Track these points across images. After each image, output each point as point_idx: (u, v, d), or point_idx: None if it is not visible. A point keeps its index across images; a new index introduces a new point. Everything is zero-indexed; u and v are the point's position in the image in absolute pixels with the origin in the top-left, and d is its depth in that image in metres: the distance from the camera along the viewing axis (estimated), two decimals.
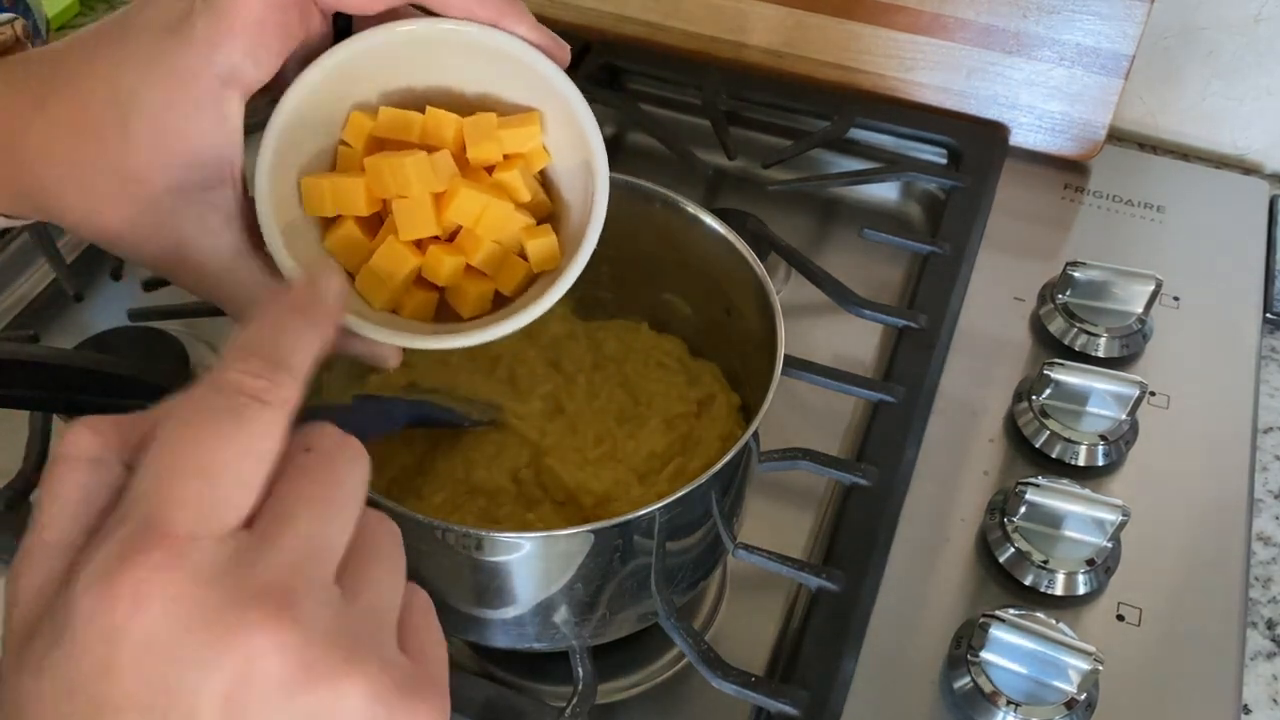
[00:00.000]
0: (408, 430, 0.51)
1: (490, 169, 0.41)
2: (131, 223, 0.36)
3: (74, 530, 0.27)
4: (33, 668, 0.25)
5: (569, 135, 0.41)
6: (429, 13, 0.39)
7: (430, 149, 0.39)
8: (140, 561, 0.25)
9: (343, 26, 0.40)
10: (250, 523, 0.26)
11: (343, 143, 0.40)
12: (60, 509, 0.27)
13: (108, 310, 0.70)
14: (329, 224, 0.40)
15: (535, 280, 0.41)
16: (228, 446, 0.26)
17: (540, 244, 0.41)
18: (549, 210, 0.43)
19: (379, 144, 0.40)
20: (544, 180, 0.43)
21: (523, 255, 0.41)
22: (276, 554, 0.26)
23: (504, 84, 0.41)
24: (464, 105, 0.41)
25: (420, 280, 0.41)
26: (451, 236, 0.41)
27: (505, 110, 0.41)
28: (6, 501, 0.57)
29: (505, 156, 0.40)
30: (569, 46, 0.41)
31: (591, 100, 0.41)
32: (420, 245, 0.40)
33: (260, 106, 0.38)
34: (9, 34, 0.40)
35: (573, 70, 0.41)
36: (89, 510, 0.27)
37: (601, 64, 0.83)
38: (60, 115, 0.36)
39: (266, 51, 0.36)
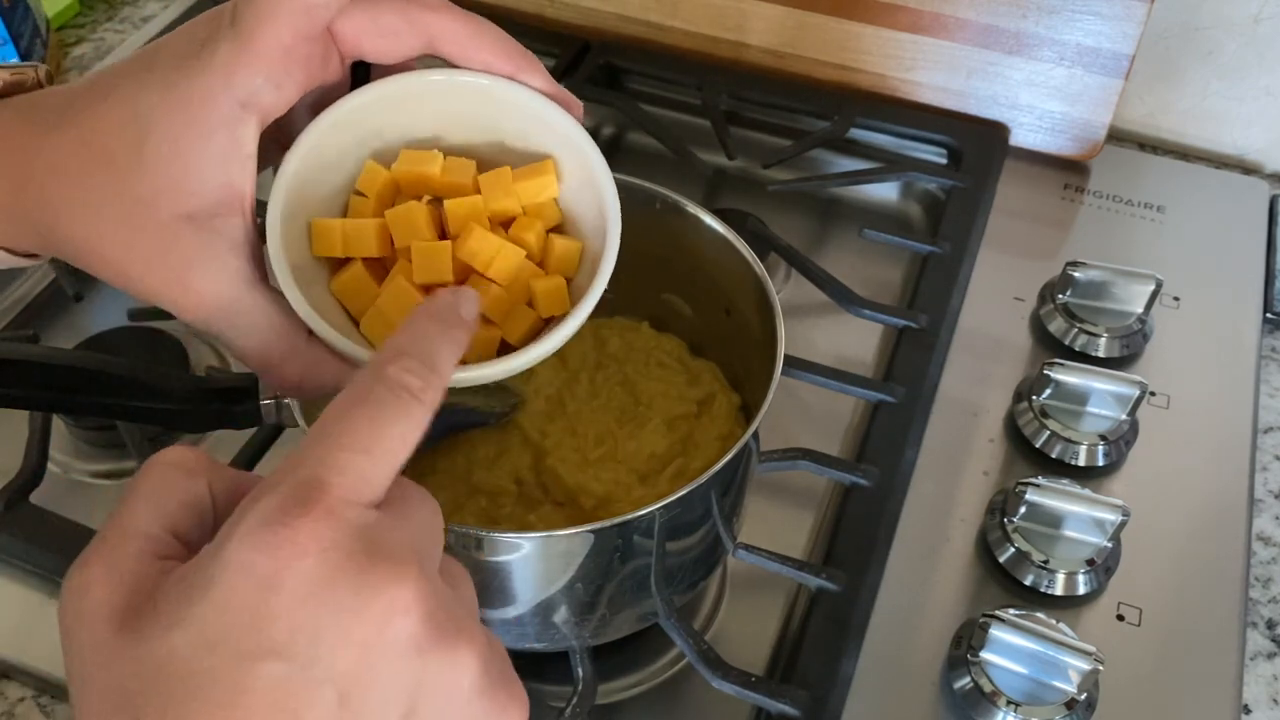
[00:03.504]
0: None
1: (506, 223, 0.41)
2: (135, 249, 0.36)
3: (155, 523, 0.29)
4: (162, 627, 0.26)
5: (583, 185, 0.41)
6: (447, 63, 0.39)
7: (449, 187, 0.40)
8: (301, 514, 0.27)
9: (360, 74, 0.40)
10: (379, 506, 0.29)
11: (357, 192, 0.41)
12: (146, 502, 0.29)
13: (108, 310, 0.70)
14: (336, 266, 0.40)
15: (541, 329, 0.42)
16: (390, 430, 0.29)
17: (548, 287, 0.41)
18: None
19: (394, 185, 0.40)
20: (556, 226, 0.43)
21: (530, 305, 0.41)
22: (408, 529, 0.29)
23: (518, 133, 0.41)
24: (477, 153, 0.41)
25: None
26: (461, 282, 0.41)
27: (518, 159, 0.42)
28: (6, 501, 0.57)
29: (524, 210, 0.41)
30: (581, 102, 0.41)
31: (592, 100, 0.41)
32: (427, 289, 0.40)
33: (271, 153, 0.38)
34: (30, 75, 0.40)
35: (573, 70, 0.41)
36: (174, 508, 0.30)
37: (601, 64, 0.83)
38: (72, 137, 0.36)
39: (287, 79, 0.36)
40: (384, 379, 0.29)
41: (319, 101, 0.39)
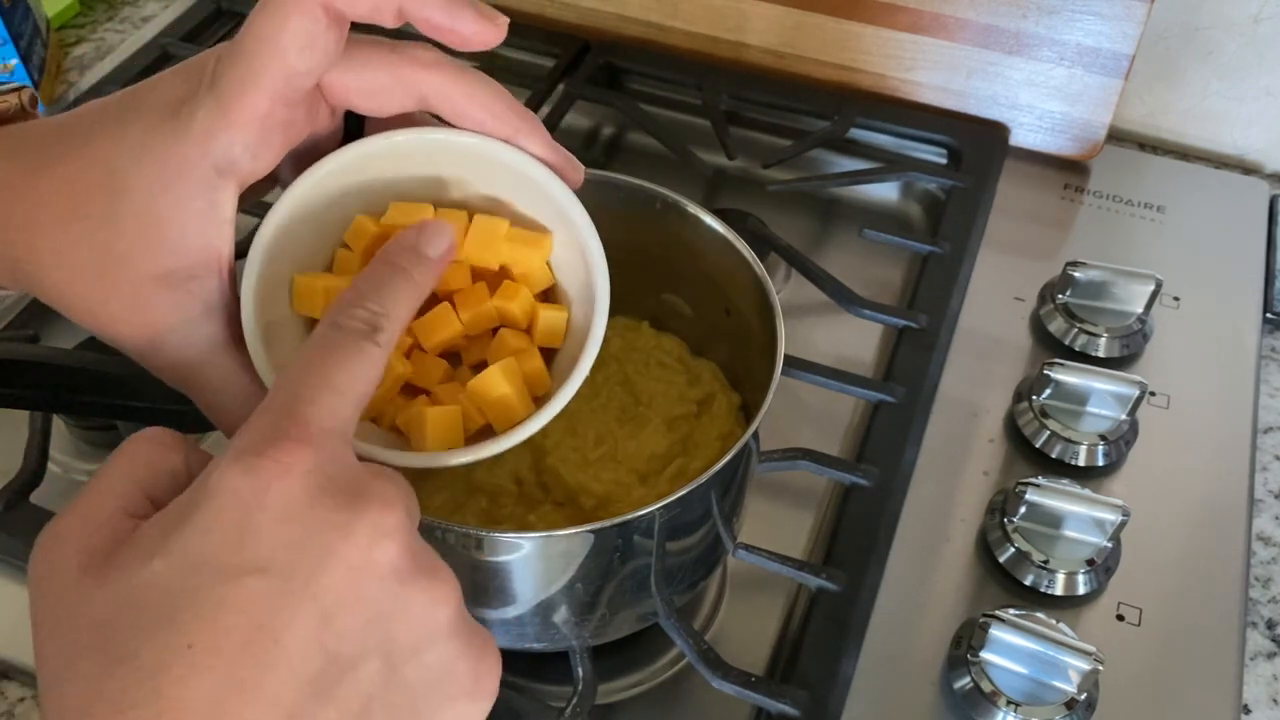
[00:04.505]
0: None
1: (492, 277, 0.40)
2: (109, 304, 0.36)
3: (131, 485, 0.30)
4: (139, 560, 0.27)
5: (572, 255, 0.40)
6: (444, 121, 0.38)
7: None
8: (284, 440, 0.28)
9: (353, 127, 0.39)
10: None
11: (344, 246, 0.40)
12: (122, 468, 0.30)
13: None
14: (315, 326, 0.40)
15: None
16: (348, 369, 0.30)
17: (530, 370, 0.40)
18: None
19: (383, 240, 0.39)
20: (543, 295, 0.42)
21: None
22: (386, 476, 0.30)
23: (513, 196, 0.40)
24: (470, 211, 0.40)
25: (405, 388, 0.40)
26: (446, 355, 0.40)
27: (511, 220, 0.41)
28: (6, 501, 0.57)
29: (501, 267, 0.40)
30: (583, 167, 0.40)
31: (591, 100, 0.41)
32: (408, 354, 0.39)
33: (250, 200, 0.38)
34: (13, 102, 0.39)
35: (573, 70, 0.40)
36: (149, 474, 0.30)
37: (601, 64, 0.83)
38: (52, 189, 0.35)
39: (266, 147, 0.35)
40: (335, 326, 0.31)
41: (309, 150, 0.38)
